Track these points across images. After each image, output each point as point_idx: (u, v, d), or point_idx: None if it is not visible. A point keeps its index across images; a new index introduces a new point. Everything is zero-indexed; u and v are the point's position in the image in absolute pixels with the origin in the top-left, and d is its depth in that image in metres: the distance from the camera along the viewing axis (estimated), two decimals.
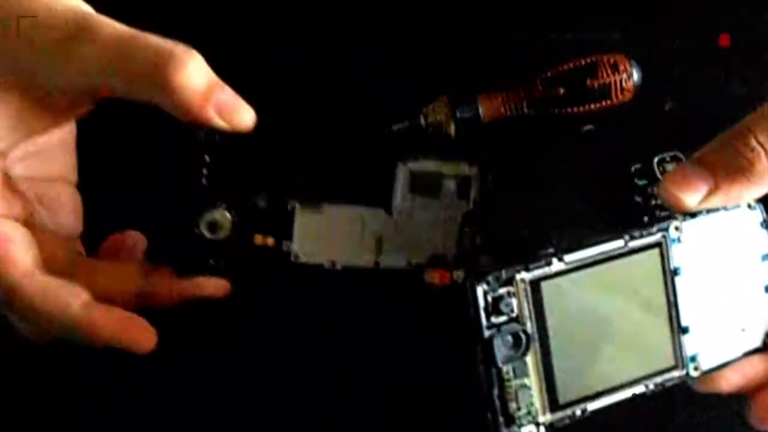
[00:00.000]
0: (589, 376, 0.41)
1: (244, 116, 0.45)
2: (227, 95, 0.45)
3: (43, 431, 0.57)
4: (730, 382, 0.46)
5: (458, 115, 0.55)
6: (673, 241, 0.44)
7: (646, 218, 0.54)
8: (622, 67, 0.55)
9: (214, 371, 0.54)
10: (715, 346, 0.44)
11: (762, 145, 0.44)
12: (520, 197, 0.53)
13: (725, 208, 0.44)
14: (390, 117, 0.56)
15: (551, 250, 0.41)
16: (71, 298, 0.46)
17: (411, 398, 0.52)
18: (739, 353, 0.45)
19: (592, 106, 0.55)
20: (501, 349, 0.39)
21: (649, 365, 0.43)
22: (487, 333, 0.39)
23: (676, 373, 0.44)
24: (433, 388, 0.51)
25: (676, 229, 0.44)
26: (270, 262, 0.49)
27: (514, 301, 0.39)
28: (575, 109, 0.55)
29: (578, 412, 0.41)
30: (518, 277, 0.39)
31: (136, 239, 0.50)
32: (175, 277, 0.49)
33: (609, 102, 0.55)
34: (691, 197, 0.44)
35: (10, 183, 0.48)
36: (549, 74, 0.55)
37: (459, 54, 0.57)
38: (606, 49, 0.55)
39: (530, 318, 0.40)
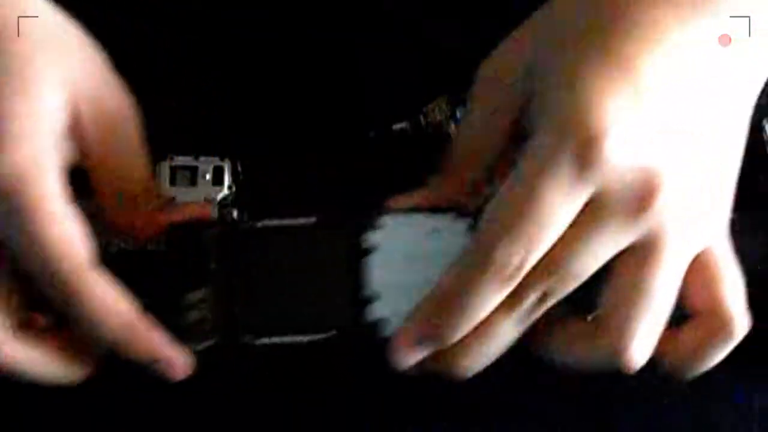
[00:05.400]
0: (264, 315, 0.51)
1: None
2: None
3: None
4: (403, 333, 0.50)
5: (458, 115, 0.55)
6: (369, 228, 0.51)
7: None
8: None
9: None
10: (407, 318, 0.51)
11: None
12: None
13: (434, 211, 0.52)
14: (390, 117, 0.56)
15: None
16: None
17: None
18: None
19: None
20: (177, 278, 0.51)
21: (327, 321, 0.51)
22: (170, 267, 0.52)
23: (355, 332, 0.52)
24: None
25: (370, 217, 0.51)
26: None
27: (208, 245, 0.52)
28: None
29: (247, 340, 0.51)
30: (210, 231, 0.52)
31: None
32: None
33: None
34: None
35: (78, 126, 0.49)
36: None
37: (459, 54, 0.57)
38: None
39: (215, 260, 0.51)
